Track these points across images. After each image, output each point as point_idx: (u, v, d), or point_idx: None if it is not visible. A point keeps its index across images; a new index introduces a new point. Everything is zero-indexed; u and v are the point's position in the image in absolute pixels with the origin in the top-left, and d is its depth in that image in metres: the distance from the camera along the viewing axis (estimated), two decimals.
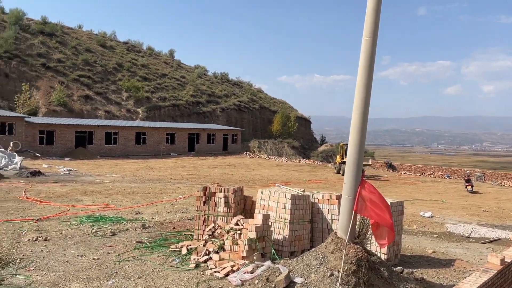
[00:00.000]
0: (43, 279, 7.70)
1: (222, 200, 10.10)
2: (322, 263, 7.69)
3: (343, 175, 14.10)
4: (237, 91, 75.94)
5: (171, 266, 8.73)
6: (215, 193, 10.22)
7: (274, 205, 9.80)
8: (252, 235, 8.80)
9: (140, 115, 54.46)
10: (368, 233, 8.15)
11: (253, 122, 71.10)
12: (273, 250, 9.02)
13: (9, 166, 24.14)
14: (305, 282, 7.48)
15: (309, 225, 10.15)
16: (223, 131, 53.40)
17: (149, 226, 12.16)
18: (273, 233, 9.69)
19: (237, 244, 9.01)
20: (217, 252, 9.21)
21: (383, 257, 9.31)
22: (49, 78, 49.84)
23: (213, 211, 10.18)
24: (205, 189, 10.27)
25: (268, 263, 8.30)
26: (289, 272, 7.68)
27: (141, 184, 21.74)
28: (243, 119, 68.81)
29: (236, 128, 57.51)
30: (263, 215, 9.12)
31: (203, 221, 10.26)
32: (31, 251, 9.30)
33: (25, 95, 44.10)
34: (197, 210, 10.31)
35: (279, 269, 7.85)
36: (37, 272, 8.05)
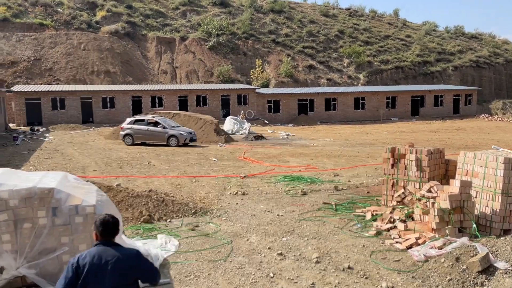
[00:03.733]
0: (229, 228, 8.32)
1: (414, 163, 8.70)
2: None
3: None
4: (475, 46, 65.53)
5: (349, 231, 8.12)
6: (405, 154, 8.89)
7: (481, 171, 7.82)
8: (445, 204, 7.26)
9: (361, 81, 53.63)
10: None
11: (496, 80, 60.31)
12: (475, 226, 7.24)
13: (240, 131, 27.65)
14: (510, 268, 5.71)
15: None
16: (453, 92, 47.25)
17: (342, 189, 11.72)
18: (478, 205, 7.80)
19: (428, 214, 7.63)
20: (404, 221, 8.05)
21: None
22: (278, 53, 54.30)
23: (403, 175, 8.90)
24: (393, 150, 9.06)
25: (463, 239, 6.71)
26: (488, 253, 6.01)
27: (350, 148, 21.36)
28: (482, 77, 59.16)
29: (470, 88, 49.98)
30: (461, 181, 7.38)
31: (392, 186, 9.12)
32: (228, 203, 10.23)
33: (259, 70, 49.46)
34: (384, 173, 9.23)
35: (476, 248, 6.23)
36: (227, 222, 8.77)
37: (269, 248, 7.24)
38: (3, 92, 31.63)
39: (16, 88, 34.38)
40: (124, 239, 6.88)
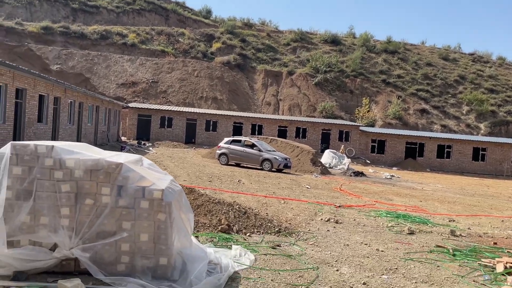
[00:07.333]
0: (316, 254, 6.96)
1: None
2: None
3: None
4: None
5: (473, 281, 6.20)
6: None
7: None
8: None
9: (481, 131, 48.30)
10: None
11: None
12: None
13: (338, 166, 25.96)
14: None
15: None
16: None
17: (460, 235, 9.58)
18: None
19: None
20: None
21: None
22: (388, 93, 51.79)
23: None
24: None
25: None
26: None
27: (467, 196, 18.42)
28: None
29: None
30: None
31: None
32: (318, 229, 8.86)
33: (365, 109, 47.47)
34: None
35: None
36: (313, 247, 7.42)
37: (364, 283, 5.72)
38: (120, 106, 34.36)
39: (132, 104, 37.26)
40: (196, 243, 5.96)
